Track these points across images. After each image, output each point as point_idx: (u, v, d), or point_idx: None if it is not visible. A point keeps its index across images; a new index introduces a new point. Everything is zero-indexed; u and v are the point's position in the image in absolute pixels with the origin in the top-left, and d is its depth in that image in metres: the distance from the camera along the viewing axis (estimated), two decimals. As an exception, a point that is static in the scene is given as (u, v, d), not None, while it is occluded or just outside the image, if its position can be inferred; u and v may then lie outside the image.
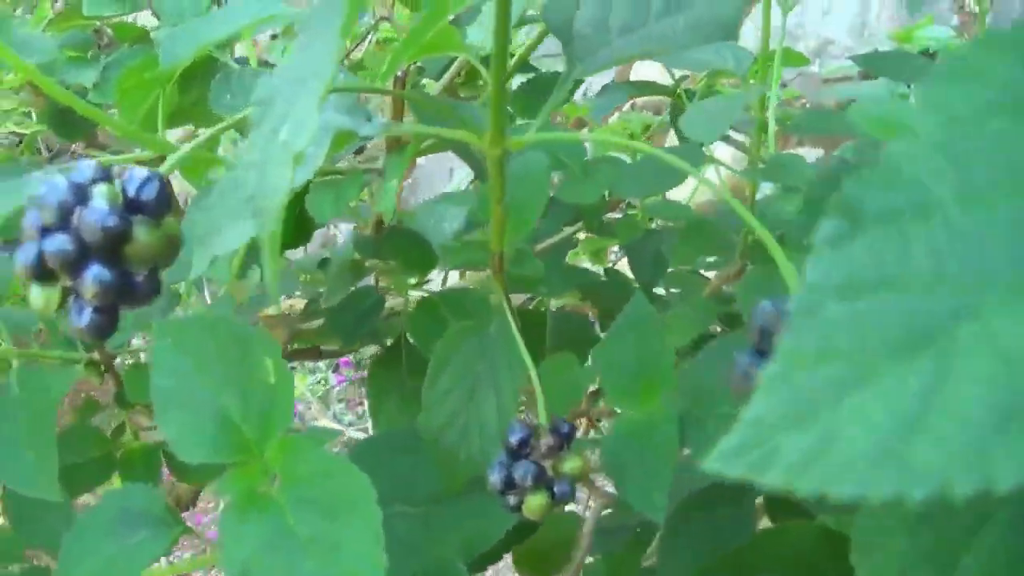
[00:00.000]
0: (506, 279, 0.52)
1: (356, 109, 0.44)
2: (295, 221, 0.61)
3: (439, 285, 0.80)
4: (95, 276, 0.29)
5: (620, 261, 1.07)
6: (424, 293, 0.68)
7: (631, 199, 0.99)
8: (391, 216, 0.60)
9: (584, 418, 0.85)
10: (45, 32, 0.96)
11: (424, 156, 0.70)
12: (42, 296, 0.31)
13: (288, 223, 0.62)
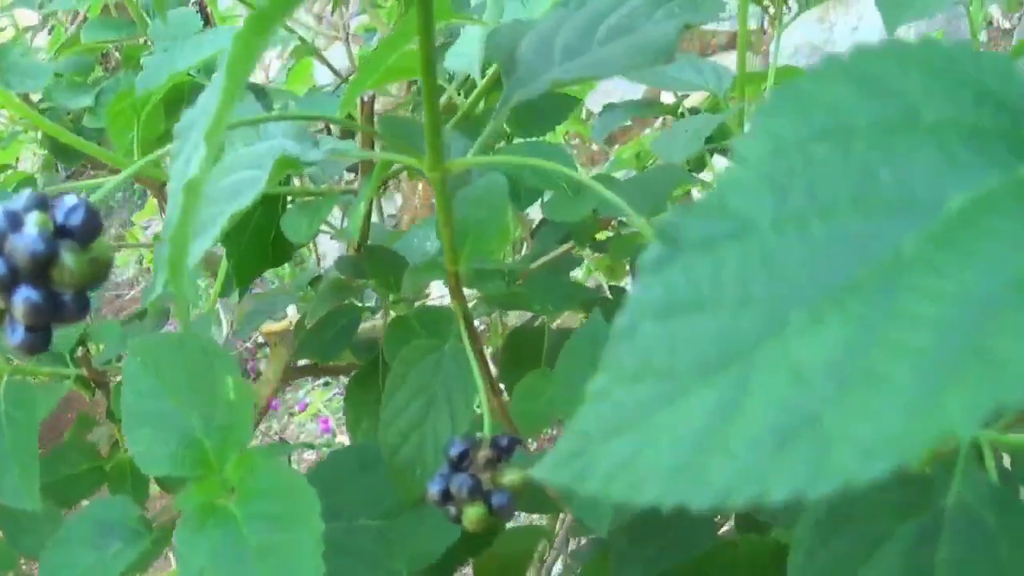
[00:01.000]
0: (463, 297, 0.53)
1: (304, 135, 0.46)
2: (272, 242, 0.63)
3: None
4: (24, 298, 0.31)
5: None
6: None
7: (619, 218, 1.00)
8: (357, 236, 0.61)
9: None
10: (58, 56, 0.99)
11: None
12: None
13: (264, 245, 0.64)
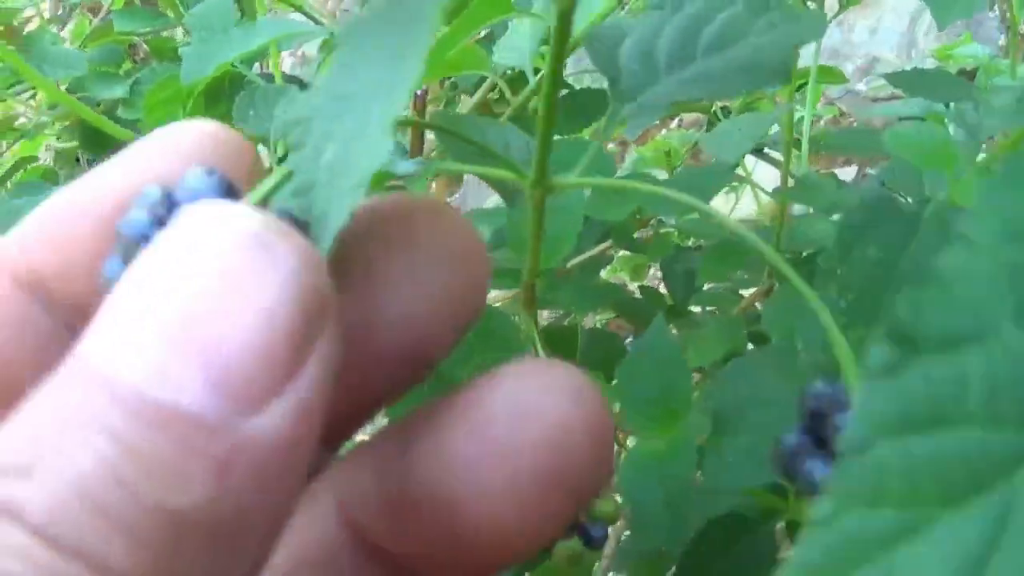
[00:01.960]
0: (535, 307, 0.52)
1: (394, 146, 0.43)
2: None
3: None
4: None
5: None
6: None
7: (662, 216, 0.98)
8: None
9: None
10: (84, 47, 0.97)
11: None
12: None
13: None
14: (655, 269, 1.15)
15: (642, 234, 0.96)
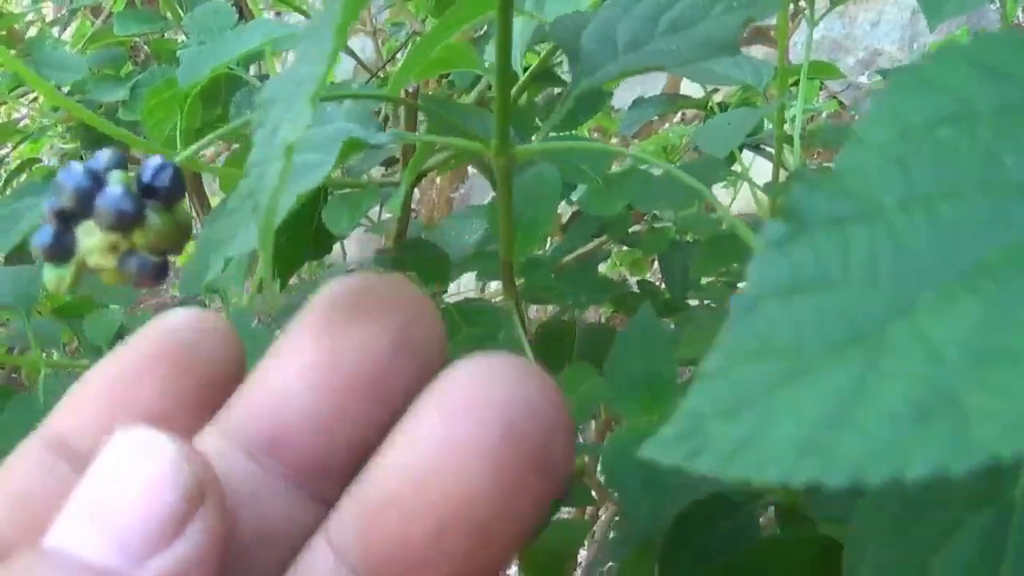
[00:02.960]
0: (520, 290, 0.53)
1: (368, 119, 0.45)
2: (313, 234, 0.62)
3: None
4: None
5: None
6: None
7: (656, 212, 0.99)
8: (395, 228, 0.61)
9: (606, 428, 0.86)
10: (85, 49, 0.99)
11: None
12: (55, 276, 0.31)
13: (306, 237, 0.63)
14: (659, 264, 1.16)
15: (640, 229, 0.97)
